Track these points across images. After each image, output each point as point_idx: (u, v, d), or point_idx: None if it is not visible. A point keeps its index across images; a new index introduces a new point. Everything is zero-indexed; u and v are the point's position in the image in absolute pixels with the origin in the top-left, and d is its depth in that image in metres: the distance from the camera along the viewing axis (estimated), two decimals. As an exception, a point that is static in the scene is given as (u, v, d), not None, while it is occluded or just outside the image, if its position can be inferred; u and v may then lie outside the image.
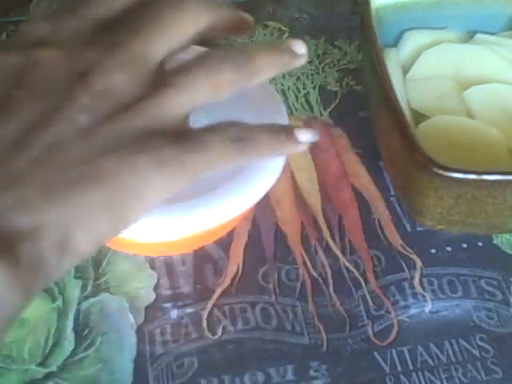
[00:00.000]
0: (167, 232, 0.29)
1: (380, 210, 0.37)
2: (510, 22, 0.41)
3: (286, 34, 0.47)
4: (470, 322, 0.33)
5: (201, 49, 0.35)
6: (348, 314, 0.33)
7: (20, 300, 0.19)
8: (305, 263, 0.35)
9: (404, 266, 0.35)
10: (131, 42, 0.22)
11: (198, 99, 0.23)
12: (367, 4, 0.37)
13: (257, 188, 0.30)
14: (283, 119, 0.33)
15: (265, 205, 0.31)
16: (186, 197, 0.29)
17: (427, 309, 0.33)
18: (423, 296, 0.34)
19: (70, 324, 0.32)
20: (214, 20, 0.24)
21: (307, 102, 0.42)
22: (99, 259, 0.35)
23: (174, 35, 0.23)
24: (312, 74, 0.44)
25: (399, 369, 0.31)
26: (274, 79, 0.44)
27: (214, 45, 0.46)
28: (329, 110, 0.42)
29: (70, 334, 0.32)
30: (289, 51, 0.26)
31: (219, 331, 0.32)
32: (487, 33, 0.40)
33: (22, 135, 0.21)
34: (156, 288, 0.34)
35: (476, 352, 0.32)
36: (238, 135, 0.23)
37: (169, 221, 0.28)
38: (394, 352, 0.32)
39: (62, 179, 0.20)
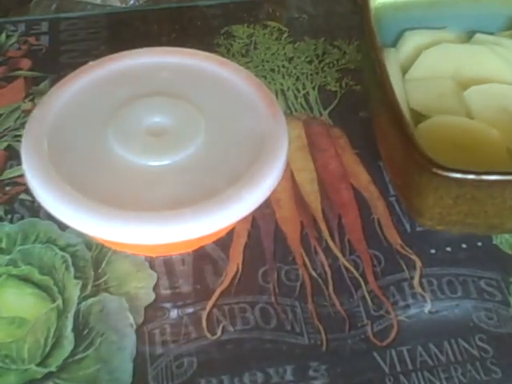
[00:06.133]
0: (168, 238, 0.29)
1: (379, 210, 0.37)
2: (509, 21, 0.41)
3: (286, 34, 0.47)
4: (470, 323, 0.33)
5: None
6: (347, 314, 0.33)
7: None
8: (304, 263, 0.35)
9: (403, 266, 0.35)
10: None
11: None
12: (366, 4, 0.37)
13: (257, 193, 0.30)
14: (281, 120, 0.33)
15: (264, 205, 0.31)
16: (188, 203, 0.29)
17: (427, 309, 0.33)
18: (423, 296, 0.34)
19: (69, 324, 0.32)
20: None
21: (306, 102, 0.42)
22: (99, 259, 0.35)
23: None
24: (311, 74, 0.44)
25: (398, 369, 0.31)
26: (273, 79, 0.44)
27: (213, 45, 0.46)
28: (328, 109, 0.42)
29: (69, 334, 0.32)
30: None
31: (219, 331, 0.32)
32: (486, 33, 0.40)
33: None
34: (156, 288, 0.34)
35: (475, 352, 0.32)
36: None
37: (170, 227, 0.29)
38: (393, 352, 0.32)
39: None
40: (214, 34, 0.47)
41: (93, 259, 0.35)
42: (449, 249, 0.36)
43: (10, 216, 0.36)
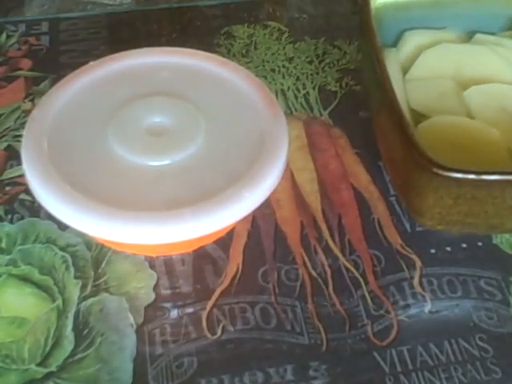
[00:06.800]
0: (168, 238, 0.29)
1: (380, 210, 0.37)
2: (509, 21, 0.41)
3: (286, 34, 0.47)
4: (470, 322, 0.33)
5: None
6: (347, 314, 0.33)
7: None
8: (304, 263, 0.35)
9: (403, 265, 0.35)
10: None
11: None
12: (367, 4, 0.37)
13: (257, 193, 0.30)
14: (281, 120, 0.33)
15: (264, 205, 0.31)
16: (188, 203, 0.29)
17: (427, 309, 0.33)
18: (423, 296, 0.34)
19: (69, 324, 0.32)
20: None
21: (307, 101, 0.42)
22: (99, 259, 0.35)
23: None
24: (311, 74, 0.44)
25: (399, 369, 0.31)
26: (273, 79, 0.44)
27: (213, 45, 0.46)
28: (328, 109, 0.42)
29: (69, 333, 0.32)
30: None
31: (219, 331, 0.32)
32: (487, 33, 0.40)
33: None
34: (156, 288, 0.34)
35: (475, 352, 0.32)
36: None
37: (170, 227, 0.29)
38: (393, 352, 0.32)
39: None
40: (214, 34, 0.47)
41: (93, 259, 0.35)
42: (449, 249, 0.36)
43: (9, 216, 0.36)
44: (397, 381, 0.31)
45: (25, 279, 0.34)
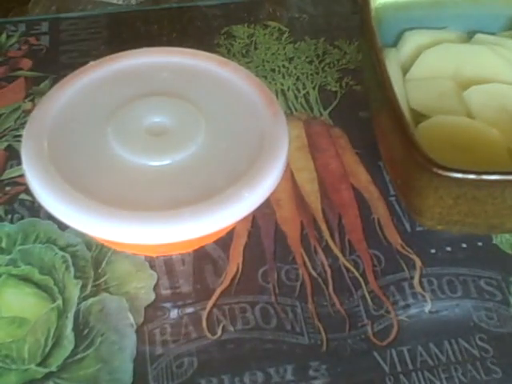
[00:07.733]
0: (168, 238, 0.29)
1: (380, 210, 0.37)
2: (509, 21, 0.41)
3: (286, 34, 0.47)
4: (470, 322, 0.33)
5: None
6: (348, 314, 0.33)
7: None
8: (304, 263, 0.35)
9: (404, 265, 0.35)
10: None
11: None
12: (367, 4, 0.37)
13: (257, 193, 0.30)
14: (281, 119, 0.33)
15: (265, 205, 0.31)
16: (187, 203, 0.29)
17: (427, 309, 0.33)
18: (423, 296, 0.34)
19: (69, 324, 0.32)
20: None
21: (307, 101, 0.42)
22: (99, 259, 0.35)
23: None
24: (312, 74, 0.44)
25: (399, 369, 0.31)
26: (274, 79, 0.44)
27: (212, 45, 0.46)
28: (328, 109, 0.42)
29: (69, 333, 0.32)
30: None
31: (219, 331, 0.32)
32: (487, 33, 0.40)
33: None
34: (156, 288, 0.34)
35: (476, 352, 0.32)
36: None
37: (170, 227, 0.29)
38: (393, 352, 0.32)
39: None
40: (214, 34, 0.47)
41: (93, 259, 0.35)
42: (449, 248, 0.36)
43: (10, 216, 0.36)
44: (397, 381, 0.31)
45: (25, 279, 0.34)
